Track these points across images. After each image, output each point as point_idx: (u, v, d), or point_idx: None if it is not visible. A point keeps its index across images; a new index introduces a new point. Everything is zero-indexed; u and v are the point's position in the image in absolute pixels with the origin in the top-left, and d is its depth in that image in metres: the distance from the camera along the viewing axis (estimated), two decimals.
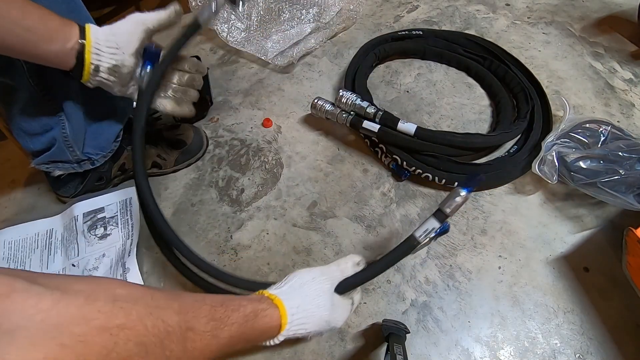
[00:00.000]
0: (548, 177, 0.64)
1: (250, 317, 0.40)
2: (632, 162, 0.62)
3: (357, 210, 0.68)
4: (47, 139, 0.59)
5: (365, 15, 1.01)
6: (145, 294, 0.33)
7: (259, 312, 0.41)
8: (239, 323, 0.39)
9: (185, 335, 0.34)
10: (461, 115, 0.80)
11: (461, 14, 0.99)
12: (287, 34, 0.93)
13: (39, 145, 0.60)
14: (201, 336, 0.35)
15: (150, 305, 0.32)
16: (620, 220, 0.65)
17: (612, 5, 1.00)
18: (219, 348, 0.37)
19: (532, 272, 0.61)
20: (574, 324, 0.56)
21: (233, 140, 0.79)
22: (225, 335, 0.37)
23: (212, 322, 0.37)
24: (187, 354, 0.34)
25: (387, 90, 0.85)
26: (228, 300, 0.40)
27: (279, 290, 0.45)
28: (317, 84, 0.87)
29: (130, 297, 0.31)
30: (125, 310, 0.30)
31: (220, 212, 0.69)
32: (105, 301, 0.29)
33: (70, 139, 0.60)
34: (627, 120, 0.77)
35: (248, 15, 0.95)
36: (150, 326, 0.31)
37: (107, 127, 0.65)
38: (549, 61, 0.88)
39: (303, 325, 0.43)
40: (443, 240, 0.64)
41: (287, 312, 0.42)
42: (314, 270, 0.47)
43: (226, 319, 0.38)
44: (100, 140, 0.65)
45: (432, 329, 0.57)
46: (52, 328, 0.26)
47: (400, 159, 0.69)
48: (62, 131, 0.59)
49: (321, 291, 0.46)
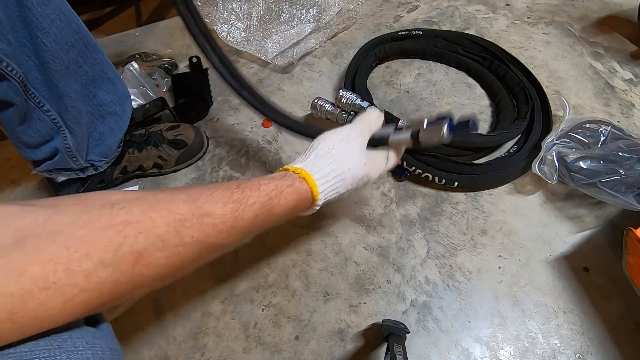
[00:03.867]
0: (548, 177, 0.64)
1: (273, 195, 0.37)
2: (632, 162, 0.62)
3: (357, 210, 0.68)
4: (49, 149, 0.58)
5: (365, 15, 1.01)
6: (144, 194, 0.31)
7: (283, 189, 0.38)
8: (262, 202, 0.37)
9: (202, 221, 0.32)
10: (461, 115, 0.80)
11: (461, 14, 0.99)
12: (287, 34, 0.93)
13: (41, 155, 0.59)
14: (222, 219, 0.33)
15: (151, 201, 0.31)
16: (620, 220, 0.65)
17: (612, 5, 1.00)
18: (247, 228, 0.35)
19: (532, 272, 0.61)
20: (574, 324, 0.56)
21: (233, 140, 0.79)
22: (249, 216, 0.35)
23: (230, 204, 0.34)
24: (211, 238, 0.33)
25: (387, 90, 0.85)
26: (245, 182, 0.38)
27: (305, 162, 0.42)
28: (317, 84, 0.87)
29: (127, 199, 0.30)
30: (126, 209, 0.29)
31: None
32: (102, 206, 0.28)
33: (73, 149, 0.59)
34: (627, 120, 0.77)
35: (248, 15, 0.95)
36: (158, 217, 0.29)
37: (109, 135, 0.64)
38: (549, 61, 0.88)
39: (337, 189, 0.42)
40: (443, 240, 0.64)
41: (316, 184, 0.40)
42: (341, 131, 0.45)
43: (246, 199, 0.36)
44: (103, 147, 0.64)
45: (432, 329, 0.57)
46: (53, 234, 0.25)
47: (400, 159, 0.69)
48: (64, 142, 0.58)
49: (352, 151, 0.43)
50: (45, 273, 0.24)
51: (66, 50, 0.52)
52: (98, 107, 0.61)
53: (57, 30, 0.50)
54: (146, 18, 1.08)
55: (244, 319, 0.58)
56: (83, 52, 0.55)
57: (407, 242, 0.65)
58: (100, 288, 0.26)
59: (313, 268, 0.62)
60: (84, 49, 0.55)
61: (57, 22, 0.50)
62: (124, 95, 0.65)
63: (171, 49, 0.95)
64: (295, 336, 0.57)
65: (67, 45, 0.52)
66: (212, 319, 0.59)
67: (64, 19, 0.51)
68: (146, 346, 0.57)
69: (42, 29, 0.49)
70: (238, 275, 0.62)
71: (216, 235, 0.33)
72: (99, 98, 0.61)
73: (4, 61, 0.45)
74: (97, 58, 0.58)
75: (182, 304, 0.60)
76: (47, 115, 0.54)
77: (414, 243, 0.64)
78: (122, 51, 0.93)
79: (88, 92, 0.59)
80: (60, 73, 0.53)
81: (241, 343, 0.57)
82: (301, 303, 0.59)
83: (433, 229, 0.66)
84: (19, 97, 0.50)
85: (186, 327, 0.58)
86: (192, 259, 0.32)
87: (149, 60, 0.87)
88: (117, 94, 0.63)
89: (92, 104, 0.60)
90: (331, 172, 0.42)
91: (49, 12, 0.49)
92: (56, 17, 0.50)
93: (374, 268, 0.62)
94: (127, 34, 0.97)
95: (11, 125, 0.54)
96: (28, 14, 0.47)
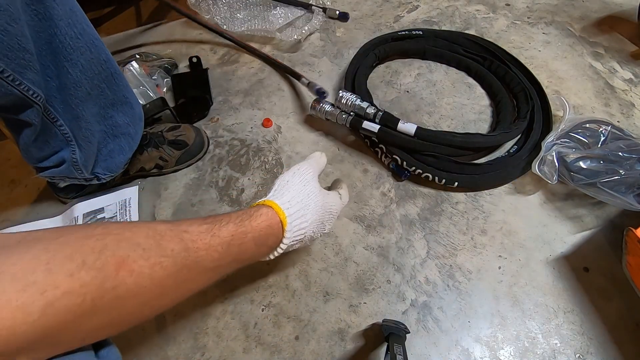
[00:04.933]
0: (548, 177, 0.64)
1: (244, 217, 0.39)
2: (632, 162, 0.62)
3: (357, 210, 0.68)
4: (56, 159, 0.58)
5: (365, 15, 1.01)
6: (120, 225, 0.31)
7: (252, 212, 0.40)
8: (235, 222, 0.38)
9: (181, 236, 0.33)
10: (461, 115, 0.80)
11: (461, 14, 0.99)
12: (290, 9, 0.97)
13: (47, 163, 0.59)
14: (199, 236, 0.34)
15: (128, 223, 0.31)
16: (620, 220, 0.65)
17: (612, 5, 1.00)
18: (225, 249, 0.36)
19: (532, 272, 0.61)
20: (574, 324, 0.56)
21: (233, 140, 0.79)
22: (225, 234, 0.36)
23: (204, 225, 0.36)
24: (191, 253, 0.33)
25: (387, 90, 0.85)
26: (215, 214, 0.39)
27: (268, 196, 0.44)
28: (317, 84, 0.87)
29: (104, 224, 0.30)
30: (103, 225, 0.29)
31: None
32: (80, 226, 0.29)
33: (80, 163, 0.59)
34: (627, 120, 0.77)
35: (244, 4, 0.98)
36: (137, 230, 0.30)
37: (119, 153, 0.64)
38: (549, 61, 0.88)
39: (302, 216, 0.43)
40: (443, 240, 0.64)
41: (281, 208, 0.42)
42: (292, 168, 0.48)
43: (219, 221, 0.37)
44: (110, 163, 0.64)
45: (432, 329, 0.57)
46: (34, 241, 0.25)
47: (400, 159, 0.69)
48: (72, 155, 0.57)
49: (306, 180, 0.46)
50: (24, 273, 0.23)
51: (90, 78, 0.53)
52: (112, 127, 0.61)
53: (85, 61, 0.51)
54: (146, 18, 1.08)
55: (244, 319, 0.58)
56: (108, 79, 0.56)
57: (407, 242, 0.65)
58: (84, 292, 0.25)
59: (313, 268, 0.62)
60: (109, 77, 0.56)
61: (87, 54, 0.51)
62: (139, 116, 0.65)
63: (171, 49, 0.95)
64: (295, 336, 0.57)
65: (92, 74, 0.53)
66: (212, 319, 0.59)
67: (94, 51, 0.52)
68: (146, 346, 0.57)
69: (70, 59, 0.49)
70: (238, 275, 0.62)
71: (195, 251, 0.33)
72: (115, 119, 0.61)
73: (32, 89, 0.45)
74: (120, 84, 0.58)
75: (182, 304, 0.60)
76: (60, 129, 0.54)
77: (414, 243, 0.64)
78: (122, 51, 0.93)
79: (105, 113, 0.59)
80: (80, 99, 0.53)
81: (241, 343, 0.57)
82: (301, 303, 0.59)
83: (433, 229, 0.66)
84: (38, 118, 0.50)
85: (186, 327, 0.58)
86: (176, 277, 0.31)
87: (149, 60, 0.88)
88: (133, 116, 0.63)
89: (107, 124, 0.60)
90: (293, 197, 0.43)
91: (81, 44, 0.49)
92: (87, 49, 0.50)
93: (374, 268, 0.62)
94: (127, 34, 0.97)
95: (24, 140, 0.54)
96: (59, 45, 0.47)
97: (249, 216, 0.39)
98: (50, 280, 0.24)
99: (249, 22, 0.95)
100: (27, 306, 0.23)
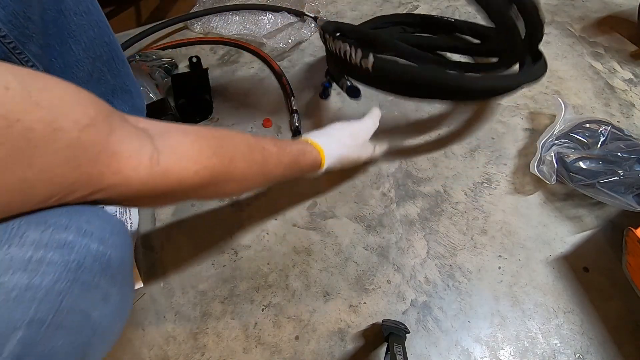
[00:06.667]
0: (546, 177, 0.64)
1: (301, 151, 0.52)
2: (632, 162, 0.62)
3: (357, 210, 0.68)
4: None
5: (365, 15, 1.01)
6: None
7: (306, 150, 0.53)
8: (294, 154, 0.51)
9: (262, 150, 0.45)
10: (461, 115, 0.80)
11: (461, 13, 0.99)
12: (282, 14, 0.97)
13: None
14: (270, 154, 0.46)
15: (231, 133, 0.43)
16: (620, 220, 0.65)
17: (612, 5, 1.00)
18: (284, 168, 0.49)
19: (532, 272, 0.61)
20: (574, 324, 0.57)
21: None
22: (287, 161, 0.49)
23: (276, 148, 0.48)
24: (266, 165, 0.45)
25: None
26: (280, 140, 0.51)
27: (318, 139, 0.57)
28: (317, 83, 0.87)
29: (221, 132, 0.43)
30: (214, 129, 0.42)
31: (220, 212, 0.69)
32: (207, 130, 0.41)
33: None
34: (627, 120, 0.77)
35: None
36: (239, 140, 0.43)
37: None
38: (549, 61, 0.87)
39: (335, 158, 0.57)
40: (443, 240, 0.64)
41: (325, 155, 0.56)
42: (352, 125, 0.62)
43: (286, 147, 0.50)
44: None
45: (432, 329, 0.57)
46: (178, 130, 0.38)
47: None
48: None
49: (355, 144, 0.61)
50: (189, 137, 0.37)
51: (92, 59, 0.53)
52: None
53: (87, 40, 0.51)
54: (146, 18, 1.08)
55: (244, 319, 0.58)
56: (109, 63, 0.56)
57: (407, 242, 0.65)
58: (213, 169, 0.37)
59: (313, 268, 0.63)
60: (110, 61, 0.56)
61: (90, 32, 0.51)
62: (140, 109, 0.65)
63: (171, 49, 0.95)
64: (295, 336, 0.57)
65: (94, 55, 0.53)
66: (212, 319, 0.59)
67: (98, 31, 0.52)
68: (146, 346, 0.57)
69: (74, 36, 0.49)
70: (238, 275, 0.62)
71: (268, 164, 0.46)
72: (114, 106, 0.61)
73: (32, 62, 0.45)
74: (122, 71, 0.58)
75: (182, 304, 0.60)
76: None
77: (414, 243, 0.64)
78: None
79: (105, 99, 0.59)
80: (82, 80, 0.53)
81: (241, 343, 0.57)
82: (301, 303, 0.59)
83: (433, 229, 0.66)
84: None
85: (186, 327, 0.58)
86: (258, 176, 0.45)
87: (149, 61, 0.87)
88: (134, 106, 0.63)
89: None
90: (335, 150, 0.57)
91: (84, 22, 0.50)
92: (90, 28, 0.51)
93: (374, 268, 0.62)
94: (127, 34, 0.97)
95: None
96: (64, 21, 0.47)
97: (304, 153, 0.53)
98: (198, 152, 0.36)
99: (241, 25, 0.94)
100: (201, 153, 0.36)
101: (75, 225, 0.28)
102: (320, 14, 0.98)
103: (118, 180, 0.29)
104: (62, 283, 0.27)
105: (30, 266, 0.25)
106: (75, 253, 0.28)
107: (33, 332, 0.25)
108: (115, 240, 0.31)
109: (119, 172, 0.29)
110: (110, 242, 0.31)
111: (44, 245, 0.26)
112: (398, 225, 0.66)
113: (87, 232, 0.29)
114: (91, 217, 0.30)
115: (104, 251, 0.30)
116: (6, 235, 0.25)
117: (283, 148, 0.49)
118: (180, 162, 0.34)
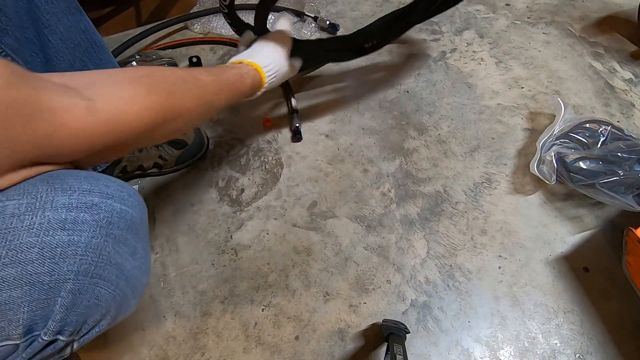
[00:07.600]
0: (546, 177, 0.64)
1: (238, 74, 0.52)
2: (632, 162, 0.62)
3: (357, 210, 0.68)
4: None
5: (365, 15, 1.01)
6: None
7: (243, 72, 0.53)
8: (233, 78, 0.51)
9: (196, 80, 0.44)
10: (461, 115, 0.80)
11: (461, 14, 0.99)
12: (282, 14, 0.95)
13: None
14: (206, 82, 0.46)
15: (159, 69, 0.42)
16: (620, 220, 0.65)
17: (612, 5, 1.00)
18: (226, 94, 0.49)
19: (532, 272, 0.61)
20: (574, 324, 0.57)
21: (233, 140, 0.79)
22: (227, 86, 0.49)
23: (211, 76, 0.47)
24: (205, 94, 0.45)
25: (387, 90, 0.85)
26: (214, 67, 0.52)
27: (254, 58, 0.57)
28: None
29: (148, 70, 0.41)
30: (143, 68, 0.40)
31: (220, 212, 0.69)
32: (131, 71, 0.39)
33: None
34: (627, 120, 0.77)
35: None
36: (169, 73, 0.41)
37: None
38: (549, 61, 0.88)
39: (274, 73, 0.58)
40: (443, 240, 0.64)
41: (263, 70, 0.56)
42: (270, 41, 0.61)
43: (222, 73, 0.49)
44: None
45: (432, 329, 0.57)
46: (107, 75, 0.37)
47: None
48: None
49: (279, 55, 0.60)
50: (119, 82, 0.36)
51: (72, 48, 0.53)
52: None
53: (63, 28, 0.51)
54: (146, 18, 1.08)
55: (244, 319, 0.58)
56: (89, 51, 0.55)
57: (407, 242, 0.65)
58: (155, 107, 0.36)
59: (313, 268, 0.62)
60: (89, 49, 0.55)
61: (64, 20, 0.51)
62: None
63: (171, 49, 0.95)
64: (295, 336, 0.57)
65: (72, 44, 0.53)
66: (212, 319, 0.59)
67: (72, 18, 0.52)
68: (146, 346, 0.57)
69: (49, 26, 0.49)
70: (238, 275, 0.62)
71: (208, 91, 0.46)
72: None
73: (10, 55, 0.45)
74: (103, 59, 0.58)
75: (182, 304, 0.60)
76: None
77: (414, 243, 0.64)
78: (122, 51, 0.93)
79: None
80: (64, 71, 0.53)
81: (241, 343, 0.57)
82: (301, 303, 0.59)
83: (433, 229, 0.66)
84: None
85: (186, 327, 0.58)
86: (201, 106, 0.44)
87: (149, 61, 0.87)
88: None
89: None
90: (273, 68, 0.58)
91: (57, 10, 0.49)
92: (63, 16, 0.50)
93: (374, 268, 0.62)
94: (127, 34, 0.97)
95: None
96: (36, 10, 0.47)
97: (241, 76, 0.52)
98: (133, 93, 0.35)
99: None
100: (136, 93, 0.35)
101: (97, 189, 0.32)
102: (320, 14, 0.98)
103: (66, 135, 0.30)
104: (97, 239, 0.30)
105: (67, 226, 0.29)
106: (104, 212, 0.31)
107: (80, 283, 0.30)
108: (133, 201, 0.34)
109: (62, 127, 0.30)
110: (129, 202, 0.34)
111: (75, 207, 0.30)
112: (398, 225, 0.66)
113: (109, 194, 0.32)
114: (108, 182, 0.33)
115: (126, 210, 0.33)
116: (38, 202, 0.29)
117: (219, 75, 0.49)
118: (117, 106, 0.33)
